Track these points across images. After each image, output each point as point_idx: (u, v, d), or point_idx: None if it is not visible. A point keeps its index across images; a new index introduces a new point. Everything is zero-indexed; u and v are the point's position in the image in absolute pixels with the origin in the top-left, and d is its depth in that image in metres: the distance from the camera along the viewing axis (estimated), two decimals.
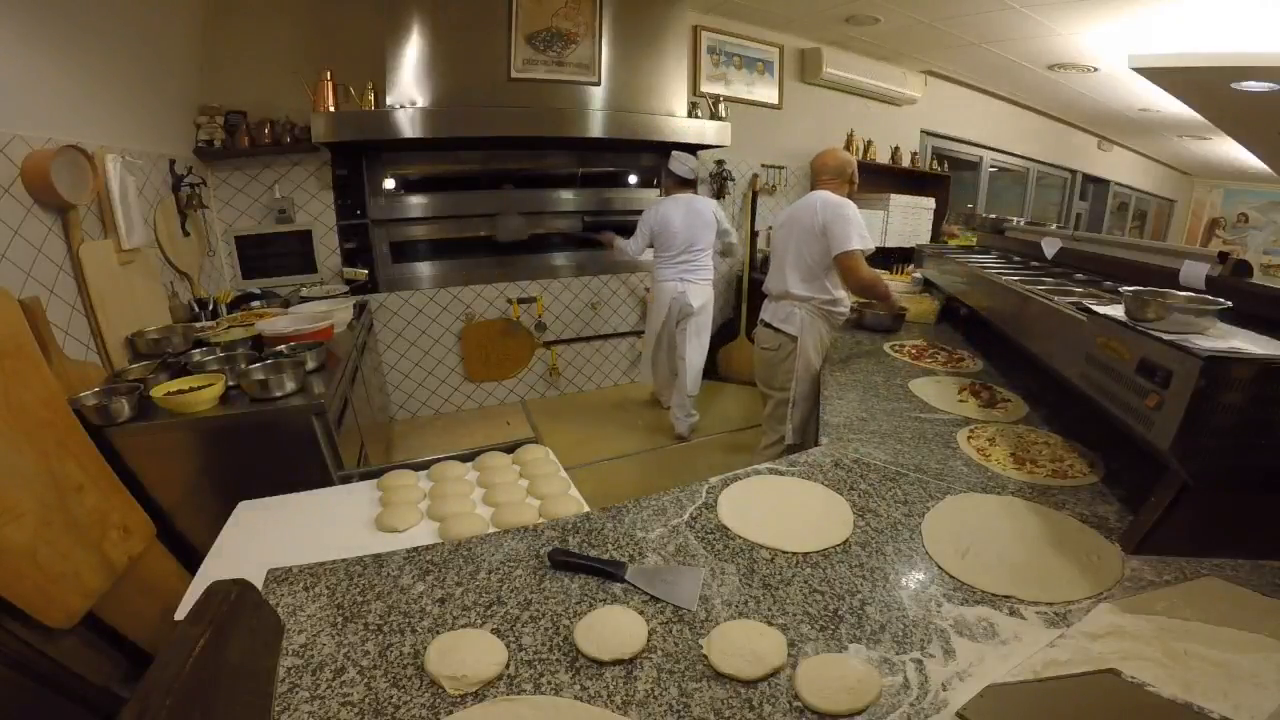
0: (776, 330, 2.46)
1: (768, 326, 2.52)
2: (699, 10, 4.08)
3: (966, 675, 0.75)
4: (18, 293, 1.59)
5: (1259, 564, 0.94)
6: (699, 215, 3.36)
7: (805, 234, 2.35)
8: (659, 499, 1.17)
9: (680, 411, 3.60)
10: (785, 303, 2.45)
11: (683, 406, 3.58)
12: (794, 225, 2.40)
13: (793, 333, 2.40)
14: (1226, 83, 3.69)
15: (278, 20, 3.15)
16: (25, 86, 1.82)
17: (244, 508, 1.29)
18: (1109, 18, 3.48)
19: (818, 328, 2.41)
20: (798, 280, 2.39)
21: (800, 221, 2.37)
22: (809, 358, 2.39)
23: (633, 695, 0.72)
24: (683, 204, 3.36)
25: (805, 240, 2.35)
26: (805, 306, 2.40)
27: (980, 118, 5.94)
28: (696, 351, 3.52)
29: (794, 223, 2.41)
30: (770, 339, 2.51)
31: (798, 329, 2.39)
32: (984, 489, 1.23)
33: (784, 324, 2.43)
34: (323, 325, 2.36)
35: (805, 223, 2.35)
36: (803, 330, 2.39)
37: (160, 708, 0.54)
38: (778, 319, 2.46)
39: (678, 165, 3.36)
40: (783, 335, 2.43)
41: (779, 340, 2.45)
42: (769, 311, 2.54)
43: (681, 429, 3.60)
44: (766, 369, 2.58)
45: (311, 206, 3.42)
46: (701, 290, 3.46)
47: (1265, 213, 8.11)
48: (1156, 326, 1.01)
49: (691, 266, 3.41)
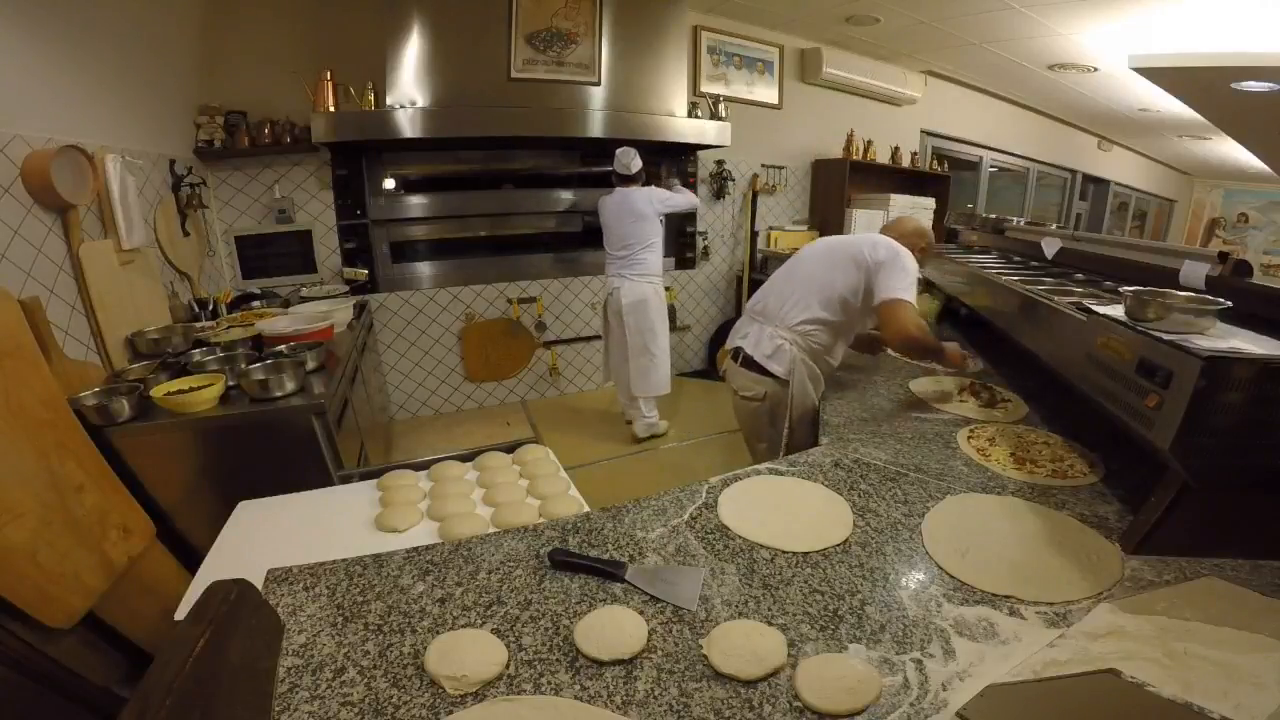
0: (760, 373, 1.92)
1: (749, 367, 1.95)
2: (699, 10, 4.08)
3: (966, 675, 0.75)
4: (18, 293, 1.59)
5: (1259, 564, 0.94)
6: (630, 208, 3.22)
7: (847, 262, 1.89)
8: (659, 499, 1.17)
9: (635, 413, 3.51)
10: (775, 332, 1.92)
11: (636, 407, 3.49)
12: (835, 252, 1.95)
13: (780, 374, 1.89)
14: (1226, 83, 3.69)
15: (278, 20, 3.15)
16: (25, 86, 1.82)
17: (244, 508, 1.29)
18: (1109, 18, 3.48)
19: (813, 370, 1.92)
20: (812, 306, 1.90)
21: (844, 250, 1.93)
22: (803, 402, 1.89)
23: (633, 695, 0.72)
24: (617, 198, 3.27)
25: (844, 268, 1.89)
26: (799, 342, 1.89)
27: (980, 118, 5.94)
28: (639, 353, 3.35)
29: (835, 250, 1.96)
30: (751, 385, 1.94)
31: (786, 369, 1.88)
32: (984, 489, 1.23)
33: (770, 361, 1.90)
34: (323, 325, 2.36)
35: (851, 252, 1.90)
36: (795, 371, 1.88)
37: (160, 708, 0.54)
38: (762, 353, 1.92)
39: (616, 162, 3.25)
40: (768, 380, 1.91)
41: (764, 389, 1.92)
42: (750, 341, 1.96)
43: (638, 430, 3.51)
44: (749, 421, 2.02)
45: (311, 206, 3.43)
46: (635, 287, 3.28)
47: (1265, 213, 8.11)
48: (1156, 326, 1.01)
49: (628, 263, 3.28)
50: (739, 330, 2.07)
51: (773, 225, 4.81)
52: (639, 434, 3.52)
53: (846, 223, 4.82)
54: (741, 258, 4.69)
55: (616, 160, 3.25)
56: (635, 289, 3.30)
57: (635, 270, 3.29)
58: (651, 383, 3.43)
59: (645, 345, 3.37)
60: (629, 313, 3.30)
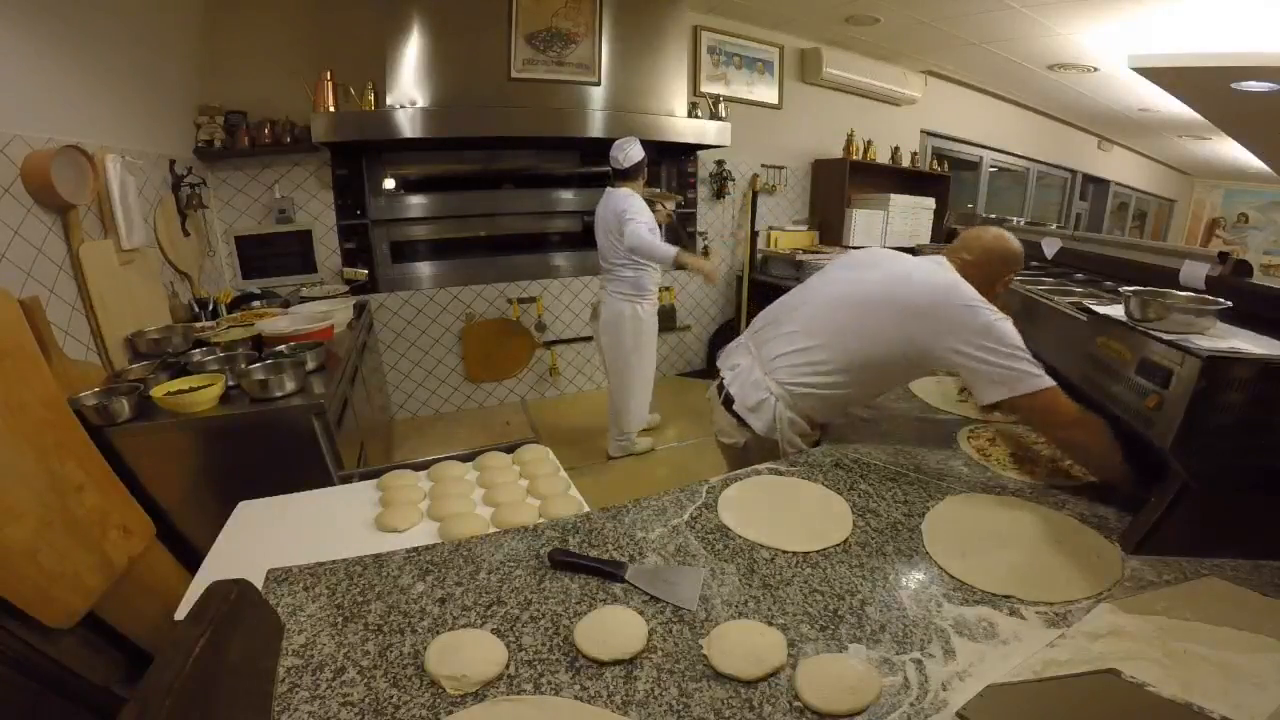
0: (741, 423, 1.52)
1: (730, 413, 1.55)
2: (699, 10, 4.08)
3: (966, 675, 0.75)
4: (18, 293, 1.59)
5: (1259, 564, 0.94)
6: (603, 216, 2.88)
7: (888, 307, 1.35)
8: (659, 499, 1.17)
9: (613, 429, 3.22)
10: (762, 380, 1.48)
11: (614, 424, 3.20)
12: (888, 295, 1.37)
13: (758, 429, 1.47)
14: (1226, 83, 3.69)
15: (278, 20, 3.15)
16: (25, 86, 1.82)
17: (244, 508, 1.28)
18: (1109, 18, 3.48)
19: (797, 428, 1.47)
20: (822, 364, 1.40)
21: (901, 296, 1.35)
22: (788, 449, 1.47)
23: (633, 695, 0.72)
24: (601, 202, 2.92)
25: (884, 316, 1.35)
26: (787, 394, 1.44)
27: (980, 118, 5.94)
28: (613, 374, 3.08)
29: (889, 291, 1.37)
30: (731, 432, 1.57)
31: (766, 426, 1.46)
32: (984, 489, 1.23)
33: (751, 414, 1.48)
34: (323, 325, 2.36)
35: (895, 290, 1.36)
36: (773, 428, 1.46)
37: (160, 708, 0.54)
38: (744, 403, 1.50)
39: (611, 156, 2.88)
40: (749, 433, 1.50)
41: (744, 438, 1.53)
42: (737, 384, 1.54)
43: (613, 451, 3.23)
44: (731, 462, 1.60)
45: (311, 206, 3.43)
46: (611, 304, 2.95)
47: (1265, 213, 8.11)
48: (1156, 326, 1.01)
49: (609, 276, 2.97)
50: (731, 355, 1.66)
51: (773, 225, 4.81)
52: (612, 454, 3.24)
53: (846, 223, 4.82)
54: (741, 258, 4.69)
55: (611, 154, 2.88)
56: (608, 305, 2.98)
57: (611, 285, 2.96)
58: (626, 416, 3.13)
59: (618, 369, 3.06)
60: (602, 331, 3.06)
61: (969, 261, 1.40)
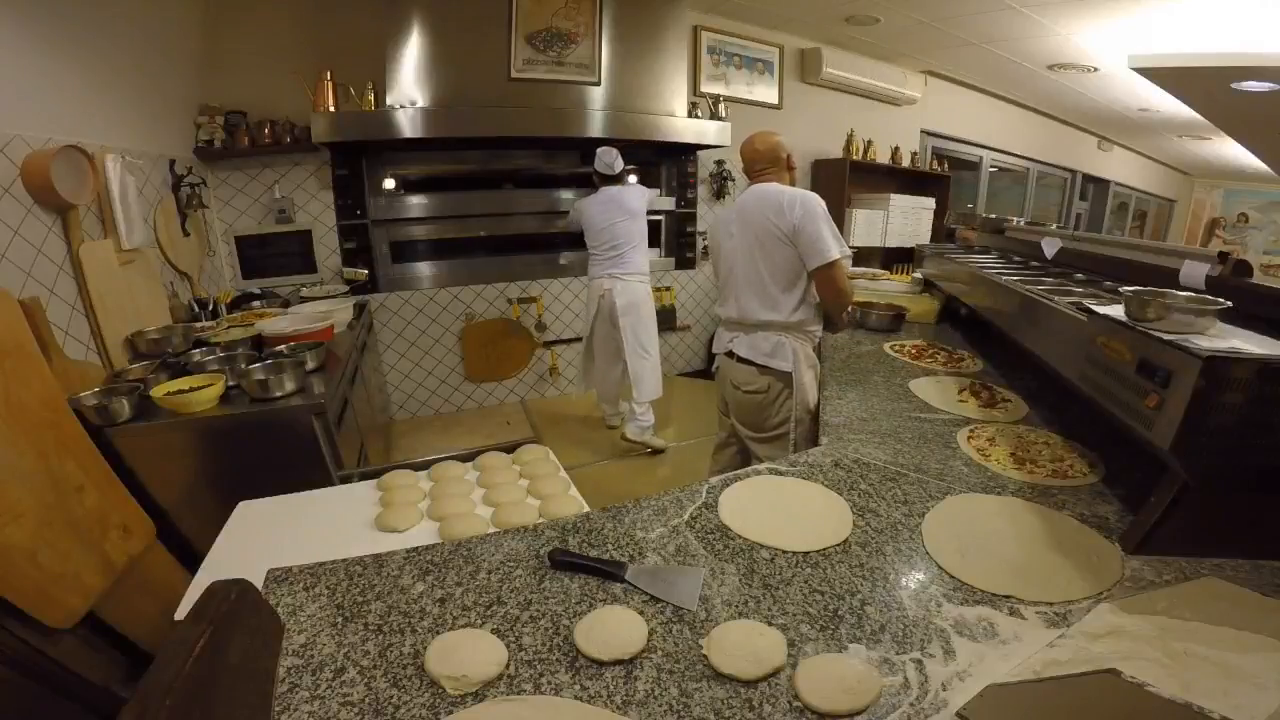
0: (762, 368, 1.96)
1: (746, 363, 1.99)
2: (699, 10, 4.08)
3: (966, 675, 0.75)
4: (18, 293, 1.59)
5: (1259, 564, 0.94)
6: (620, 206, 3.15)
7: (768, 240, 1.87)
8: (659, 499, 1.17)
9: (629, 414, 3.41)
10: (768, 333, 1.96)
11: (631, 411, 3.40)
12: (758, 234, 1.90)
13: (785, 369, 1.92)
14: (1226, 83, 3.70)
15: (278, 20, 3.15)
16: (25, 86, 1.82)
17: (244, 508, 1.29)
18: (1109, 18, 3.48)
19: (811, 358, 1.98)
20: (769, 303, 1.92)
21: (762, 228, 1.88)
22: (806, 395, 1.94)
23: (633, 695, 0.72)
24: (602, 197, 3.19)
25: (770, 248, 1.88)
26: (793, 334, 1.94)
27: (980, 118, 5.94)
28: (637, 356, 3.29)
29: (747, 228, 1.93)
30: (753, 379, 1.98)
31: (791, 363, 1.91)
32: (984, 489, 1.23)
33: (771, 359, 1.94)
34: (323, 325, 2.36)
35: (768, 228, 1.86)
36: (797, 365, 1.92)
37: (160, 708, 0.54)
38: (761, 353, 1.95)
39: (598, 161, 3.20)
40: (771, 374, 1.95)
41: (766, 380, 1.96)
42: (744, 345, 1.99)
43: (631, 432, 3.40)
44: (752, 413, 2.03)
45: (311, 206, 3.43)
46: (630, 288, 3.22)
47: (1265, 213, 8.11)
48: (1156, 326, 1.01)
49: (618, 262, 3.19)
50: (722, 337, 2.10)
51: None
52: (629, 435, 3.41)
53: (846, 223, 4.82)
54: None
55: (598, 160, 3.19)
56: (629, 290, 3.22)
57: (626, 270, 3.21)
58: (649, 386, 3.35)
59: (644, 347, 3.30)
60: (624, 314, 3.23)
61: (763, 170, 1.97)
